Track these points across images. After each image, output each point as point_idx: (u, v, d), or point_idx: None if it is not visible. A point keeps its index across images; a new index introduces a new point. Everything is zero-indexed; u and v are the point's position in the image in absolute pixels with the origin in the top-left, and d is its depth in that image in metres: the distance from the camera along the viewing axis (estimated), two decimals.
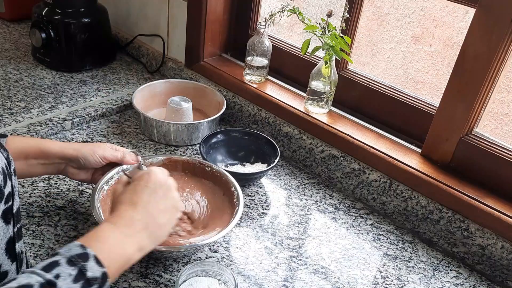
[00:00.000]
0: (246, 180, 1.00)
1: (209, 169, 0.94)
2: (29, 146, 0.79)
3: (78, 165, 0.83)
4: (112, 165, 0.86)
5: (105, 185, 0.85)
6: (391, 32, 1.26)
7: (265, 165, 1.06)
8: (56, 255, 0.55)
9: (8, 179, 0.57)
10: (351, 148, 1.02)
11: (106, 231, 0.62)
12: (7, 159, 0.58)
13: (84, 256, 0.55)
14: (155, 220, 0.67)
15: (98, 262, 0.56)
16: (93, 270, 0.55)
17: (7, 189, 0.57)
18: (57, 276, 0.52)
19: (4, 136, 0.77)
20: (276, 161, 1.02)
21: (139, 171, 0.73)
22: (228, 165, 1.07)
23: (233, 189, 0.89)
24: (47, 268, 0.53)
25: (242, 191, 0.91)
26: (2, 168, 0.56)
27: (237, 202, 0.86)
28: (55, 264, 0.54)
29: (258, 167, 1.06)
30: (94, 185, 0.89)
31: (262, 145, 1.09)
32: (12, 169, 0.59)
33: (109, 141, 1.11)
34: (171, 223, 0.70)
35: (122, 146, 1.10)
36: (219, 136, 1.10)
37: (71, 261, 0.54)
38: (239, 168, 1.05)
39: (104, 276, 0.56)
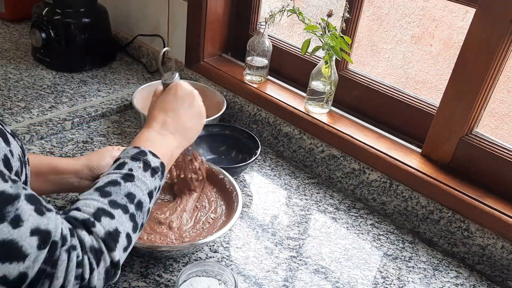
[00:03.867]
0: (229, 173, 0.99)
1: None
2: (40, 162, 0.80)
3: (89, 174, 0.83)
4: None
5: None
6: (391, 32, 1.26)
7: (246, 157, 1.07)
8: (120, 159, 0.66)
9: (24, 167, 0.58)
10: (351, 148, 1.02)
11: (147, 134, 0.72)
12: (22, 147, 0.60)
13: (142, 153, 0.67)
14: (184, 123, 0.76)
15: (154, 155, 0.67)
16: (153, 161, 0.66)
17: (22, 177, 0.58)
18: (131, 170, 0.64)
19: None
20: (258, 152, 1.04)
21: (173, 79, 0.80)
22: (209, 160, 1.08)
23: (231, 188, 0.89)
24: (119, 167, 0.64)
25: (242, 191, 0.91)
26: (19, 155, 0.57)
27: (236, 202, 0.86)
28: (123, 164, 0.65)
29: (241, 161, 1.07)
30: None
31: (243, 139, 1.10)
32: (26, 158, 0.61)
33: (109, 141, 1.11)
34: (198, 126, 0.79)
35: (122, 146, 1.10)
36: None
37: (134, 158, 0.66)
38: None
39: (163, 165, 0.68)
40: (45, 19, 1.30)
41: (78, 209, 0.58)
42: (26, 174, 0.60)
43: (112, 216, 0.59)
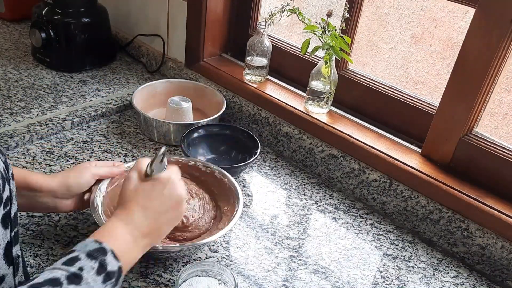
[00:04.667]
0: (229, 173, 0.99)
1: (208, 169, 0.94)
2: (16, 177, 0.72)
3: (67, 193, 0.78)
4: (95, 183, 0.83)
5: (102, 186, 0.83)
6: (391, 32, 1.26)
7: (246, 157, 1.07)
8: (73, 252, 0.56)
9: (6, 183, 0.56)
10: (351, 148, 1.02)
11: (118, 228, 0.63)
12: (5, 163, 0.58)
13: (102, 251, 0.57)
14: (159, 229, 0.68)
15: (115, 256, 0.58)
16: (111, 264, 0.57)
17: (6, 194, 0.56)
18: (81, 269, 0.54)
19: None
20: (258, 152, 1.03)
21: (162, 170, 0.71)
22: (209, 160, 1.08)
23: (233, 189, 0.89)
24: (69, 263, 0.54)
25: (242, 190, 0.91)
26: (1, 172, 0.55)
27: (236, 202, 0.86)
28: (76, 258, 0.55)
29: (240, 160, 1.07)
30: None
31: (243, 139, 1.10)
32: (10, 173, 0.59)
33: (109, 141, 1.11)
34: (169, 231, 0.71)
35: (122, 146, 1.10)
36: (200, 131, 1.10)
37: (90, 255, 0.56)
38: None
39: (120, 270, 0.58)
40: (45, 19, 1.30)
41: None
42: (10, 190, 0.58)
43: None
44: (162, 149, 0.70)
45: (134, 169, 0.71)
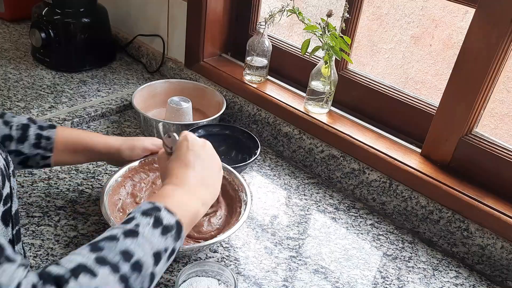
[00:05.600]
0: None
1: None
2: (77, 140, 0.85)
3: (120, 158, 0.89)
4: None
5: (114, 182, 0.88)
6: (391, 32, 1.26)
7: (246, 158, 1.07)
8: (130, 213, 0.59)
9: (6, 180, 0.57)
10: (351, 148, 1.02)
11: (169, 190, 0.66)
12: (6, 160, 0.58)
13: (156, 208, 0.59)
14: (208, 176, 0.71)
15: (170, 211, 0.60)
16: (167, 218, 0.59)
17: (6, 190, 0.56)
18: (137, 225, 0.56)
19: (53, 127, 0.82)
20: (258, 152, 1.04)
21: (176, 141, 0.75)
22: None
23: (241, 192, 0.89)
24: (126, 222, 0.57)
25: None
26: (1, 168, 0.56)
27: (244, 205, 0.86)
28: (131, 218, 0.57)
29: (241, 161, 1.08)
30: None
31: (243, 139, 1.10)
32: (11, 170, 0.59)
33: None
34: (220, 178, 0.75)
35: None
36: (200, 131, 1.10)
37: (145, 213, 0.58)
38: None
39: (178, 224, 0.60)
40: (45, 19, 1.30)
41: (57, 264, 0.50)
42: (10, 187, 0.58)
43: (93, 274, 0.49)
44: (160, 127, 0.77)
45: (157, 160, 0.77)
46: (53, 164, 0.83)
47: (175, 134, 0.76)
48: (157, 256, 0.55)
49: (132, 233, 0.55)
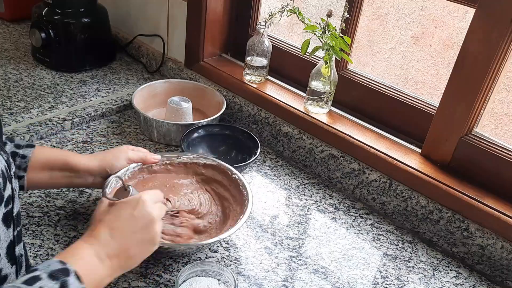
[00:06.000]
0: None
1: (229, 172, 0.94)
2: (55, 158, 0.81)
3: (103, 174, 0.84)
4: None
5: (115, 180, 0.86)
6: (391, 32, 1.26)
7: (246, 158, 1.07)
8: (35, 271, 0.54)
9: (8, 181, 0.57)
10: (351, 148, 1.02)
11: (83, 249, 0.62)
12: (7, 161, 0.58)
13: (65, 271, 0.55)
14: (128, 251, 0.65)
15: (78, 278, 0.56)
16: (74, 286, 0.55)
17: (7, 192, 0.56)
18: None
19: (32, 146, 0.79)
20: (258, 152, 1.04)
21: (129, 195, 0.71)
22: None
23: (245, 192, 0.89)
24: (29, 282, 0.52)
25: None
26: (2, 170, 0.55)
27: (245, 206, 0.86)
28: (37, 278, 0.53)
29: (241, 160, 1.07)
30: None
31: (243, 139, 1.10)
32: (12, 172, 0.59)
33: (108, 141, 1.11)
34: (143, 256, 0.68)
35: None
36: (200, 131, 1.10)
37: (52, 276, 0.54)
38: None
39: None
40: (45, 19, 1.30)
41: None
42: (12, 188, 0.58)
43: None
44: (112, 180, 0.75)
45: (99, 201, 0.71)
46: (27, 186, 0.79)
47: (131, 188, 0.71)
48: None
49: None
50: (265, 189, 1.03)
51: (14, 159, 0.76)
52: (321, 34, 1.03)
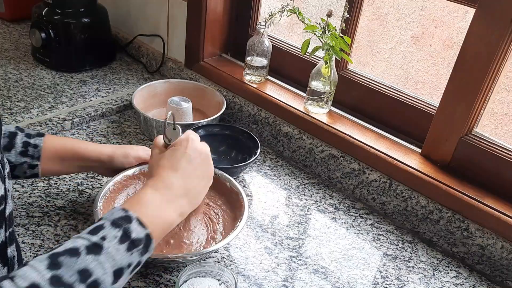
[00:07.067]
0: (229, 173, 0.99)
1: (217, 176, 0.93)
2: (65, 148, 0.83)
3: (113, 166, 0.86)
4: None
5: (111, 186, 0.86)
6: (391, 32, 1.26)
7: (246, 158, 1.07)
8: (101, 220, 0.57)
9: (1, 182, 0.56)
10: (351, 148, 1.02)
11: (148, 195, 0.63)
12: (1, 161, 0.58)
13: (127, 218, 0.57)
14: (194, 186, 0.68)
15: (141, 223, 0.57)
16: (137, 231, 0.56)
17: (0, 192, 0.56)
18: (103, 238, 0.54)
19: (42, 135, 0.81)
20: (258, 152, 1.03)
21: (178, 135, 0.73)
22: None
23: (240, 197, 0.88)
24: (93, 232, 0.55)
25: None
26: None
27: (242, 210, 0.85)
28: (100, 227, 0.55)
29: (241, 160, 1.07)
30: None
31: (243, 139, 1.10)
32: (5, 172, 0.59)
33: (108, 141, 1.11)
34: (206, 190, 0.72)
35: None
36: (200, 131, 1.10)
37: (115, 224, 0.56)
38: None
39: (148, 237, 0.58)
40: (45, 19, 1.30)
41: (12, 279, 0.47)
42: (5, 189, 0.58)
43: None
44: (169, 115, 0.72)
45: (153, 147, 0.73)
46: (41, 174, 0.81)
47: (179, 128, 0.73)
48: (118, 273, 0.54)
49: (96, 248, 0.52)
50: (265, 189, 1.03)
51: (27, 149, 0.78)
52: (321, 34, 1.03)
